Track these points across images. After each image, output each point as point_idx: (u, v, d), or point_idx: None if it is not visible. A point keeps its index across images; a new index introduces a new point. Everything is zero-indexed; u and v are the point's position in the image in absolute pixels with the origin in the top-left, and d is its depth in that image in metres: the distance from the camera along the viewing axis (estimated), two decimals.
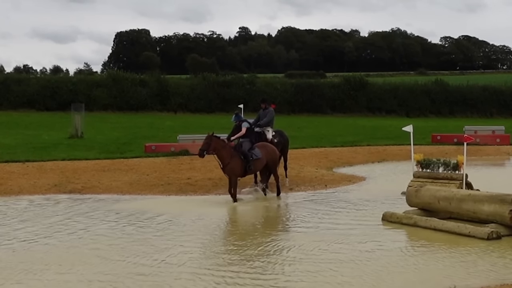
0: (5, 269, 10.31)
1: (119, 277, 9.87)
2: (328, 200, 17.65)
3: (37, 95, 61.55)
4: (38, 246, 11.98)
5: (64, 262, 10.76)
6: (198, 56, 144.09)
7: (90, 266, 10.52)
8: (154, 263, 10.75)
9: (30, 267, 10.47)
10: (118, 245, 12.05)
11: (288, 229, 14.35)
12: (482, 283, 9.33)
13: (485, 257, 11.16)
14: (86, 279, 9.84)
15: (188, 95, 63.35)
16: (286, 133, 20.99)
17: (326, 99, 64.56)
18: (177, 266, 10.52)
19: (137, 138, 31.71)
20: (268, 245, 12.13)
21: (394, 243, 12.45)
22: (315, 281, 9.73)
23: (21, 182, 19.32)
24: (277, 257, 11.22)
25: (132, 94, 62.02)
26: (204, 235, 13.07)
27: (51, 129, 37.64)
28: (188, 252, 11.46)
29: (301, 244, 12.06)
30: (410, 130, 18.64)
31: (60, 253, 11.44)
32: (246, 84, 64.74)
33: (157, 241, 12.45)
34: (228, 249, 11.94)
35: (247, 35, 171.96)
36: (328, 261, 10.84)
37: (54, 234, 13.11)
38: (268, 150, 17.98)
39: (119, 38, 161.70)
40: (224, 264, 10.73)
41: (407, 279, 9.76)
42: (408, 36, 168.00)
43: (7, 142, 29.95)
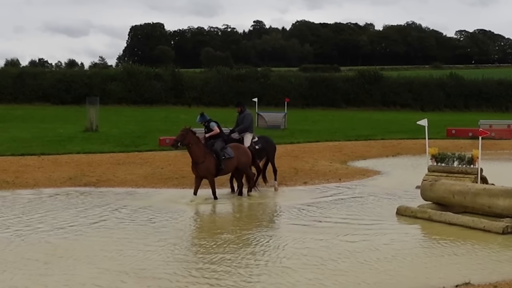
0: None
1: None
2: (342, 194, 17.62)
3: (52, 89, 61.90)
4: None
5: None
6: (212, 50, 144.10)
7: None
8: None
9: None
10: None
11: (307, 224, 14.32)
12: (497, 278, 9.28)
13: (500, 252, 11.12)
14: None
15: (202, 88, 63.47)
16: (272, 139, 19.55)
17: (341, 92, 64.53)
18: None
19: (151, 132, 31.76)
20: (291, 237, 12.13)
21: (408, 237, 12.43)
22: (324, 269, 9.73)
23: (37, 175, 19.36)
24: (295, 248, 11.22)
25: (146, 87, 62.22)
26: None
27: (66, 123, 37.76)
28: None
29: (321, 238, 12.06)
30: (425, 124, 18.57)
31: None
32: (260, 77, 64.79)
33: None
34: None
35: (261, 29, 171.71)
36: (339, 253, 10.85)
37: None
38: (240, 150, 17.15)
39: (133, 32, 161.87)
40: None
41: (420, 274, 9.72)
42: (423, 30, 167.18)
43: (22, 135, 30.06)
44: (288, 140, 29.10)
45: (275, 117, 38.25)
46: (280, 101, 47.13)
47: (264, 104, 48.59)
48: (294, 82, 64.88)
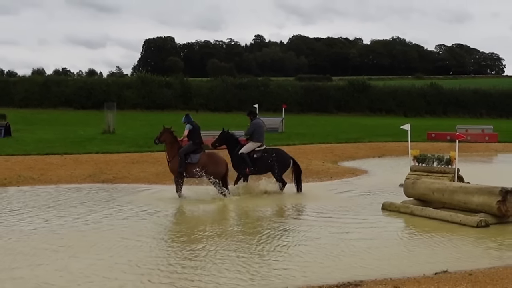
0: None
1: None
2: (333, 190, 17.63)
3: (74, 95, 62.03)
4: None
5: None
6: (218, 61, 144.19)
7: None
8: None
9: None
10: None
11: (299, 217, 14.30)
12: (472, 266, 9.27)
13: (475, 243, 11.12)
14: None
15: (208, 95, 63.58)
16: (284, 155, 17.10)
17: (332, 100, 64.63)
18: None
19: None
20: (280, 228, 12.12)
21: (392, 230, 12.41)
22: (316, 257, 9.72)
23: (60, 172, 19.37)
24: (290, 239, 11.20)
25: (158, 94, 62.34)
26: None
27: (86, 126, 37.79)
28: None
29: (310, 229, 12.06)
30: (407, 128, 18.59)
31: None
32: (260, 86, 64.90)
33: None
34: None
35: (261, 42, 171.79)
36: (326, 244, 10.83)
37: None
38: (211, 159, 16.15)
39: (147, 44, 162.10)
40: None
41: (403, 262, 9.71)
42: (406, 44, 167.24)
43: (47, 137, 30.10)
44: (285, 142, 29.09)
45: (273, 121, 38.28)
46: (278, 107, 47.09)
47: (263, 109, 48.61)
48: (291, 90, 64.94)
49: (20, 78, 72.51)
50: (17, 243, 10.78)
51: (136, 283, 8.39)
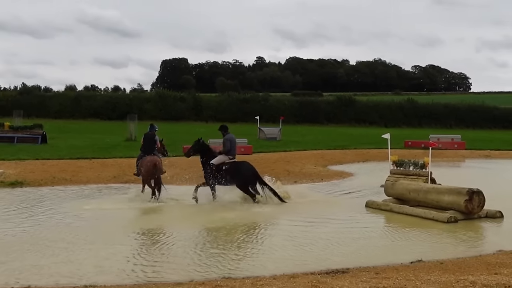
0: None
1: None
2: (323, 190, 17.64)
3: (101, 108, 62.05)
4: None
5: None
6: (225, 79, 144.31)
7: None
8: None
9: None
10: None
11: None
12: (443, 256, 9.28)
13: (446, 236, 11.13)
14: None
15: (216, 108, 63.63)
16: (247, 168, 15.23)
17: (323, 112, 64.66)
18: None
19: (177, 142, 31.66)
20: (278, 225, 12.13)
21: (373, 224, 12.43)
22: (310, 248, 9.73)
23: (88, 174, 19.41)
24: (286, 233, 11.20)
25: (173, 107, 62.36)
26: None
27: (112, 134, 37.80)
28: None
29: (301, 224, 12.06)
30: (387, 137, 18.55)
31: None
32: (261, 100, 64.96)
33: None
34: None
35: (262, 63, 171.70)
36: (318, 237, 10.83)
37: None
38: (142, 162, 15.58)
39: (164, 65, 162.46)
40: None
41: (383, 252, 9.72)
42: (386, 65, 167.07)
43: (78, 143, 30.13)
44: (282, 148, 29.11)
45: (272, 131, 38.30)
46: (276, 119, 47.07)
47: (264, 121, 48.61)
48: (287, 104, 64.96)
49: (55, 93, 72.54)
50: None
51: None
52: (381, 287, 6.72)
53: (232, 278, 7.86)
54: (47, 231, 11.30)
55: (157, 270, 8.53)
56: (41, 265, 8.72)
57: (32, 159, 22.18)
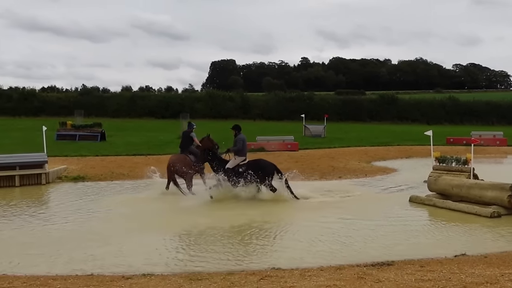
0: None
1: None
2: (367, 185, 17.45)
3: (156, 107, 62.93)
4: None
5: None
6: (271, 78, 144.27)
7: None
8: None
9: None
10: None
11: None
12: (486, 251, 9.07)
13: (489, 231, 10.86)
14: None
15: (263, 107, 63.70)
16: (265, 164, 14.91)
17: (366, 110, 63.94)
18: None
19: (225, 139, 31.83)
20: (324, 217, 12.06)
21: (418, 219, 12.23)
22: (354, 240, 9.64)
23: (144, 169, 19.65)
24: (332, 225, 11.13)
25: (223, 106, 62.71)
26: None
27: (165, 132, 38.28)
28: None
29: (348, 217, 11.97)
30: (430, 134, 18.30)
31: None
32: (306, 99, 64.67)
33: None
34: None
35: (306, 63, 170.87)
36: (361, 231, 10.73)
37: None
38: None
39: (213, 66, 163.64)
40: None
41: (427, 246, 9.56)
42: (428, 64, 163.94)
43: (134, 141, 30.61)
44: (327, 145, 28.91)
45: (317, 128, 38.10)
46: (321, 117, 46.87)
47: (309, 118, 48.41)
48: (331, 103, 64.48)
49: (112, 94, 73.97)
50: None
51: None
52: (426, 279, 6.61)
53: (281, 269, 7.86)
54: (102, 223, 11.57)
55: (206, 260, 8.62)
56: (96, 255, 8.93)
57: (92, 156, 22.67)
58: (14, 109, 61.23)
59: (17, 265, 8.38)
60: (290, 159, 22.62)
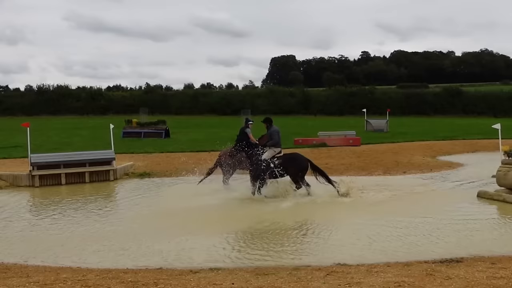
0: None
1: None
2: (433, 181, 17.07)
3: (217, 104, 63.66)
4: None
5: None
6: (331, 73, 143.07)
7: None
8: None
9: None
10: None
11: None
12: None
13: None
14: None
15: (324, 102, 63.38)
16: (301, 158, 14.81)
17: (429, 104, 62.48)
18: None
19: (288, 134, 31.80)
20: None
21: (486, 215, 11.87)
22: (419, 236, 9.44)
23: (208, 165, 19.79)
24: (398, 223, 10.95)
25: (283, 102, 62.76)
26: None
27: (227, 128, 38.58)
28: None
29: (415, 213, 11.73)
30: (498, 128, 17.67)
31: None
32: (367, 94, 63.87)
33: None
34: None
35: (367, 57, 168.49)
36: (432, 225, 10.50)
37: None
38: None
39: (273, 62, 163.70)
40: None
41: (498, 242, 9.27)
42: (494, 55, 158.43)
43: (198, 137, 31.05)
44: (390, 140, 28.41)
45: (379, 123, 37.52)
46: (383, 111, 46.09)
47: (371, 113, 47.77)
48: (394, 97, 63.40)
49: (175, 91, 75.29)
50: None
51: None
52: (499, 277, 6.40)
53: (347, 264, 7.81)
54: (165, 218, 11.83)
55: (272, 255, 8.69)
56: (160, 250, 9.16)
57: (157, 152, 23.13)
58: (82, 108, 63.36)
59: (85, 260, 8.69)
60: (353, 154, 22.39)
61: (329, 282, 6.30)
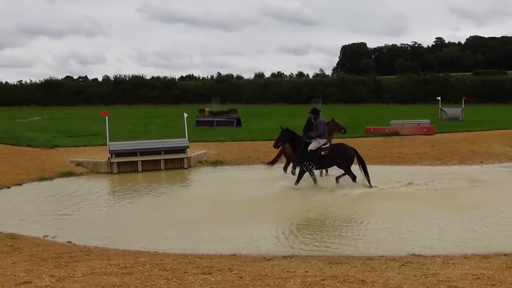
0: None
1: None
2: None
3: (288, 93, 63.51)
4: None
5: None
6: (404, 61, 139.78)
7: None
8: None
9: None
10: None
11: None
12: None
13: None
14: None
15: (396, 90, 62.01)
16: (347, 149, 14.60)
17: (508, 91, 59.88)
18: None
19: (359, 123, 31.46)
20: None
21: None
22: (502, 230, 9.11)
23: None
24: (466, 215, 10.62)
25: (354, 91, 61.93)
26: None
27: (298, 117, 38.33)
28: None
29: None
30: None
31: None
32: (442, 81, 61.92)
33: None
34: None
35: (441, 44, 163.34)
36: (506, 218, 10.14)
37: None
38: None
39: (344, 50, 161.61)
40: None
41: None
42: None
43: (269, 126, 31.08)
44: (465, 129, 27.47)
45: (454, 111, 36.35)
46: (458, 99, 44.65)
47: (445, 101, 46.25)
48: (469, 84, 61.17)
49: (245, 80, 75.76)
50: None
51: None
52: None
53: (422, 255, 7.66)
54: (233, 205, 12.00)
55: (343, 245, 8.67)
56: (226, 237, 9.37)
57: (229, 141, 23.39)
58: (157, 98, 64.86)
59: (161, 245, 8.97)
60: (427, 143, 21.84)
61: (404, 273, 6.20)
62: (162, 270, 6.47)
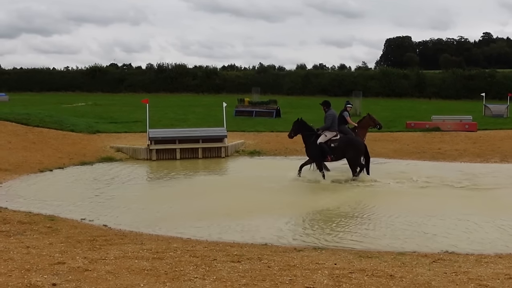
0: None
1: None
2: None
3: (329, 85, 63.10)
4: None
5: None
6: (449, 55, 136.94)
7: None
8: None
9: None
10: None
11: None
12: None
13: None
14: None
15: (440, 85, 60.83)
16: (358, 142, 14.73)
17: None
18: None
19: (400, 117, 31.01)
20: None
21: None
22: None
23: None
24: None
25: (397, 84, 61.10)
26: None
27: (338, 109, 37.87)
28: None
29: None
30: None
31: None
32: (487, 77, 60.41)
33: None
34: None
35: (489, 39, 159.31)
36: None
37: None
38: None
39: (388, 43, 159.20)
40: None
41: None
42: None
43: (308, 118, 30.48)
44: (509, 126, 26.69)
45: (499, 108, 35.43)
46: (504, 96, 43.51)
47: (490, 97, 45.27)
48: None
49: (287, 72, 75.52)
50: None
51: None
52: None
53: (455, 253, 7.54)
54: (266, 195, 12.01)
55: (373, 239, 8.59)
56: (253, 225, 9.37)
57: (268, 131, 23.40)
58: (198, 86, 65.37)
59: (187, 229, 9.15)
60: (468, 140, 21.39)
61: (435, 270, 6.12)
62: (192, 256, 6.55)
